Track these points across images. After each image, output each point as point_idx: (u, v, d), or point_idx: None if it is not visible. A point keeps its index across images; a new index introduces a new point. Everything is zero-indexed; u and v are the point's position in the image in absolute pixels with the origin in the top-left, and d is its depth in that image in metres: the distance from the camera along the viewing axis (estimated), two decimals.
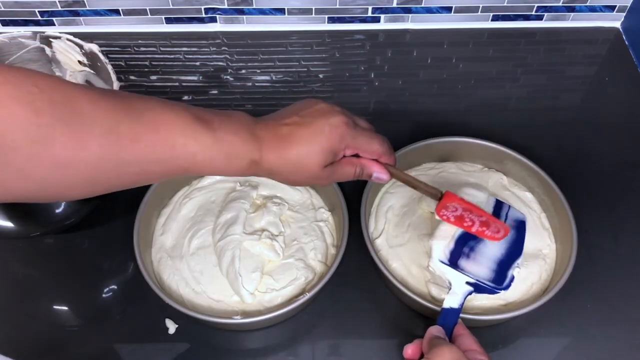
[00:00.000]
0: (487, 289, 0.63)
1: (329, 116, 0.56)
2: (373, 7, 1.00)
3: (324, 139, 0.54)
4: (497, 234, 0.63)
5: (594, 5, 1.01)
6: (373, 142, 0.58)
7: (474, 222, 0.63)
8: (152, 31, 1.02)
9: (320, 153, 0.55)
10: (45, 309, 0.74)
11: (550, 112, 0.94)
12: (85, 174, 0.44)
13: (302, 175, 0.56)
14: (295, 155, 0.54)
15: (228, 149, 0.51)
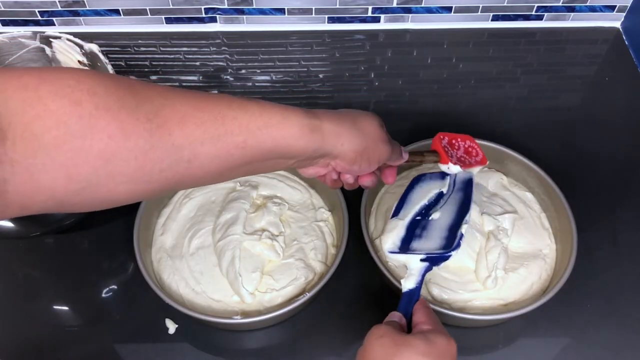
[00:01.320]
0: (441, 258, 0.63)
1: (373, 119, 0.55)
2: (373, 7, 1.00)
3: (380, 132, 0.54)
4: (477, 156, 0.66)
5: (594, 5, 1.01)
6: (396, 151, 0.58)
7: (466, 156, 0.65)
8: (152, 31, 1.02)
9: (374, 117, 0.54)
10: (45, 309, 0.74)
11: (550, 112, 0.94)
12: (136, 167, 0.41)
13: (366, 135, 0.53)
14: (354, 118, 0.53)
15: (281, 111, 0.49)
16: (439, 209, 0.66)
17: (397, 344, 0.51)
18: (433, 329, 0.54)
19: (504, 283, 0.69)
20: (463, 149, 0.65)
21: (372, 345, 0.52)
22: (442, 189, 0.68)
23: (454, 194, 0.67)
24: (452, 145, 0.65)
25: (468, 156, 0.65)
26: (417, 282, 0.61)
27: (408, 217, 0.67)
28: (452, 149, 0.65)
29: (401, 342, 0.51)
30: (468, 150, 0.65)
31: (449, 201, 0.67)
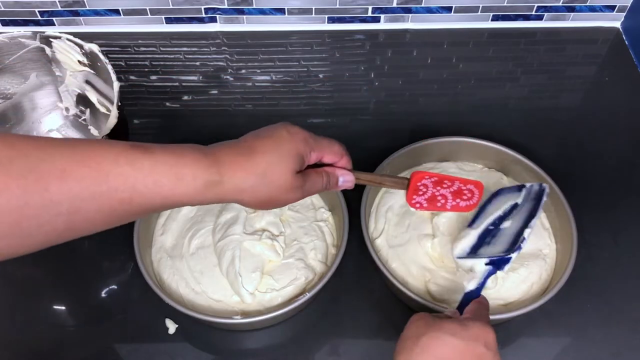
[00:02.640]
0: (502, 260, 0.63)
1: (285, 126, 0.54)
2: (373, 7, 1.00)
3: (289, 143, 0.53)
4: (470, 200, 0.63)
5: (594, 5, 1.01)
6: (333, 144, 0.58)
7: (446, 198, 0.62)
8: (152, 31, 1.02)
9: (288, 157, 0.52)
10: (45, 309, 0.74)
11: (550, 112, 0.94)
12: (11, 223, 0.40)
13: (275, 185, 0.52)
14: (265, 164, 0.51)
15: (174, 169, 0.46)
16: (511, 218, 0.67)
17: (428, 325, 0.52)
18: (472, 316, 0.55)
19: (504, 283, 0.69)
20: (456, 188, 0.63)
21: (408, 328, 0.53)
22: (517, 201, 0.69)
23: (526, 205, 0.68)
24: (440, 184, 0.63)
25: (454, 197, 0.63)
26: (479, 284, 0.61)
27: (481, 226, 0.68)
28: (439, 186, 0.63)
29: (433, 324, 0.52)
30: (461, 192, 0.63)
31: (521, 211, 0.67)
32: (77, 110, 0.85)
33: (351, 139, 0.88)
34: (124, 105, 0.72)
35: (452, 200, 0.63)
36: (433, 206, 0.62)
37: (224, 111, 0.93)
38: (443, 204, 0.63)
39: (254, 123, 0.90)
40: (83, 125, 0.86)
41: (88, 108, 0.84)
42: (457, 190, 0.63)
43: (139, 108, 0.93)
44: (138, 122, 0.91)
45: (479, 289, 0.61)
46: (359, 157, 0.84)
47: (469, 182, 0.64)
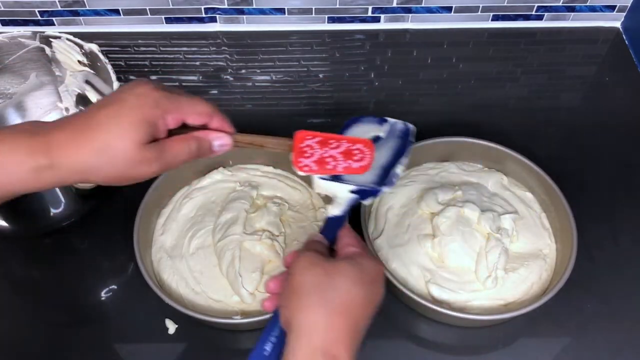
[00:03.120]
0: (371, 192, 0.60)
1: (132, 87, 0.47)
2: (373, 7, 1.00)
3: (132, 110, 0.46)
4: (361, 161, 0.59)
5: (594, 5, 1.01)
6: (197, 103, 0.50)
7: (336, 159, 0.58)
8: (152, 31, 1.02)
9: (133, 127, 0.45)
10: (45, 309, 0.74)
11: (550, 112, 0.94)
12: None
13: (120, 160, 0.46)
14: (102, 139, 0.45)
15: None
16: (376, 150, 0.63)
17: (328, 273, 0.48)
18: (360, 252, 0.51)
19: (504, 283, 0.69)
20: (344, 149, 0.58)
21: (301, 275, 0.48)
22: (379, 134, 0.66)
23: (391, 140, 0.65)
24: (326, 144, 0.58)
25: (346, 158, 0.58)
26: (343, 211, 0.59)
27: None
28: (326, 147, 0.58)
29: (332, 271, 0.48)
30: (350, 152, 0.58)
31: (386, 145, 0.65)
32: (77, 110, 0.85)
33: None
34: None
35: (344, 161, 0.58)
36: (323, 169, 0.58)
37: (224, 111, 0.92)
38: (334, 166, 0.58)
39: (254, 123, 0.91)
40: None
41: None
42: (346, 150, 0.58)
43: None
44: None
45: (345, 217, 0.58)
46: None
47: (357, 141, 0.59)
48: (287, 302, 0.48)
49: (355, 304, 0.48)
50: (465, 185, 0.78)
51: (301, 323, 0.46)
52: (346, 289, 0.47)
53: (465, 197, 0.75)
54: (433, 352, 0.70)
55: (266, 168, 0.81)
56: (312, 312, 0.46)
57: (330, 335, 0.46)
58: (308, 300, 0.47)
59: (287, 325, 0.47)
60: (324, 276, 0.48)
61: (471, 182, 0.79)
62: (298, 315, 0.47)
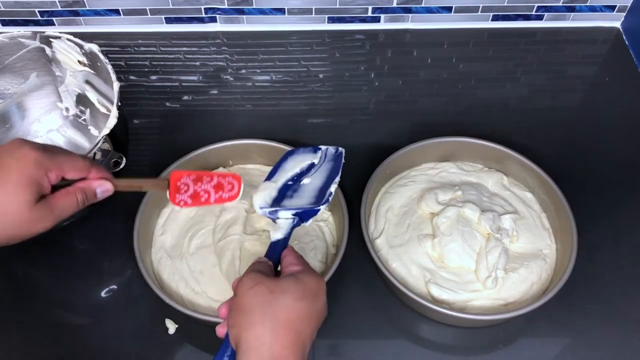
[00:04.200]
0: (310, 212, 0.65)
1: (11, 151, 0.50)
2: (373, 7, 1.00)
3: (17, 173, 0.48)
4: (231, 191, 0.65)
5: (594, 5, 1.01)
6: (74, 158, 0.53)
7: (208, 192, 0.64)
8: (152, 31, 1.02)
9: (18, 190, 0.48)
10: (45, 309, 0.74)
11: (550, 112, 0.94)
12: None
13: (10, 224, 0.49)
14: None
15: None
16: (310, 176, 0.70)
17: (271, 291, 0.50)
18: (302, 269, 0.54)
19: (504, 283, 0.69)
20: (216, 182, 0.65)
21: (246, 295, 0.50)
22: (314, 161, 0.72)
23: (325, 164, 0.72)
24: (200, 180, 0.64)
25: (217, 190, 0.64)
26: (286, 233, 0.62)
27: (280, 181, 0.70)
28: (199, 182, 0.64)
29: (275, 288, 0.50)
30: (221, 185, 0.65)
31: (321, 169, 0.71)
32: (77, 110, 0.85)
33: (351, 139, 0.89)
34: (124, 105, 0.72)
35: (215, 193, 0.64)
36: (197, 201, 0.63)
37: (224, 111, 0.93)
38: (207, 198, 0.63)
39: (254, 123, 0.92)
40: (83, 125, 0.86)
41: (88, 108, 0.84)
42: (217, 184, 0.64)
43: (139, 108, 0.93)
44: (138, 122, 0.91)
45: (287, 239, 0.62)
46: (359, 157, 0.85)
47: (227, 175, 0.66)
48: (234, 322, 0.50)
49: (299, 318, 0.49)
50: (465, 185, 0.78)
51: (249, 339, 0.48)
52: (289, 304, 0.49)
53: (465, 197, 0.75)
54: (433, 352, 0.70)
55: (266, 168, 0.81)
56: (258, 328, 0.48)
57: (276, 348, 0.48)
58: (253, 318, 0.49)
59: (236, 343, 0.49)
60: (268, 294, 0.50)
61: (471, 182, 0.79)
62: (245, 332, 0.48)
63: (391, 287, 0.70)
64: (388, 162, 0.76)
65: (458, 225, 0.72)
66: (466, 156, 0.82)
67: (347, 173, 0.81)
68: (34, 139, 0.85)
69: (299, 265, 0.54)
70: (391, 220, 0.76)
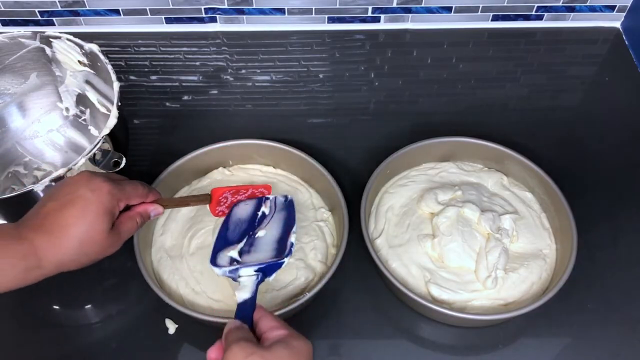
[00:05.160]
0: (274, 266, 0.64)
1: (86, 183, 0.56)
2: (373, 7, 1.00)
3: (95, 205, 0.55)
4: (263, 193, 0.75)
5: (594, 5, 1.01)
6: (137, 187, 0.60)
7: (244, 195, 0.73)
8: (152, 31, 1.02)
9: (99, 220, 0.55)
10: (45, 309, 0.74)
11: (550, 112, 0.94)
12: None
13: (93, 251, 0.56)
14: (78, 237, 0.54)
15: None
16: (264, 227, 0.70)
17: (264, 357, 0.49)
18: (289, 333, 0.53)
19: (504, 283, 0.69)
20: (250, 193, 0.74)
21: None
22: (264, 211, 0.72)
23: (277, 214, 0.72)
24: (238, 193, 0.73)
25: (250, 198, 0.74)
26: (252, 292, 0.60)
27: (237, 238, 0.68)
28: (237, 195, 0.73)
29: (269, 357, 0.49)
30: (254, 195, 0.74)
31: (273, 220, 0.71)
32: (77, 110, 0.85)
33: (351, 139, 0.89)
34: (124, 105, 0.72)
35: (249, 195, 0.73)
36: None
37: (224, 111, 0.93)
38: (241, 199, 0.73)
39: (254, 123, 0.92)
40: (83, 125, 0.86)
41: (88, 108, 0.84)
42: (251, 194, 0.73)
43: (139, 108, 0.93)
44: (138, 122, 0.91)
45: (254, 297, 0.59)
46: (359, 157, 0.85)
47: (259, 187, 0.74)
48: None
49: None
50: (465, 185, 0.78)
51: None
52: None
53: (465, 197, 0.75)
54: (433, 352, 0.70)
55: (266, 168, 0.81)
56: None
57: None
58: None
59: None
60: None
61: (471, 182, 0.79)
62: None
63: (391, 287, 0.70)
64: (388, 162, 0.76)
65: (458, 225, 0.72)
66: (466, 156, 0.82)
67: (347, 173, 0.82)
68: (34, 139, 0.85)
69: (283, 329, 0.53)
70: (391, 220, 0.76)
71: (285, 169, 0.81)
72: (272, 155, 0.79)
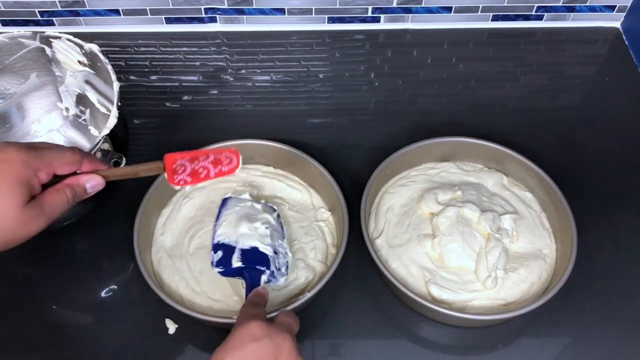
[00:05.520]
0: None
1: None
2: (373, 7, 1.00)
3: (4, 176, 0.48)
4: (230, 164, 0.63)
5: (594, 5, 1.01)
6: (63, 153, 0.52)
7: (207, 169, 0.62)
8: (152, 31, 1.02)
9: (9, 193, 0.48)
10: (45, 309, 0.74)
11: (550, 112, 0.94)
12: None
13: (6, 227, 0.48)
14: None
15: None
16: None
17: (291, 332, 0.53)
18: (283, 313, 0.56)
19: (504, 283, 0.69)
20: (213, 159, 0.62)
21: (249, 346, 0.50)
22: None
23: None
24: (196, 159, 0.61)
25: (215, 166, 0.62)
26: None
27: None
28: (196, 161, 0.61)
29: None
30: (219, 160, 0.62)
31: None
32: (77, 110, 0.85)
33: (351, 139, 0.89)
34: (124, 105, 0.72)
35: (214, 168, 0.62)
36: (197, 178, 0.61)
37: (224, 111, 0.93)
38: (206, 174, 0.61)
39: (254, 123, 0.91)
40: (83, 125, 0.86)
41: (88, 108, 0.84)
42: (215, 159, 0.62)
43: (139, 108, 0.93)
44: (138, 122, 0.91)
45: None
46: (359, 157, 0.85)
47: (224, 151, 0.63)
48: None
49: None
50: (465, 185, 0.78)
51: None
52: None
53: (465, 197, 0.75)
54: (433, 352, 0.70)
55: (266, 168, 0.81)
56: None
57: None
58: None
59: None
60: None
61: (471, 182, 0.79)
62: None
63: (391, 287, 0.70)
64: (388, 162, 0.76)
65: (458, 225, 0.72)
66: (466, 156, 0.82)
67: (347, 173, 0.81)
68: (34, 139, 0.85)
69: None
70: (391, 220, 0.76)
71: (285, 169, 0.81)
72: (272, 155, 0.79)
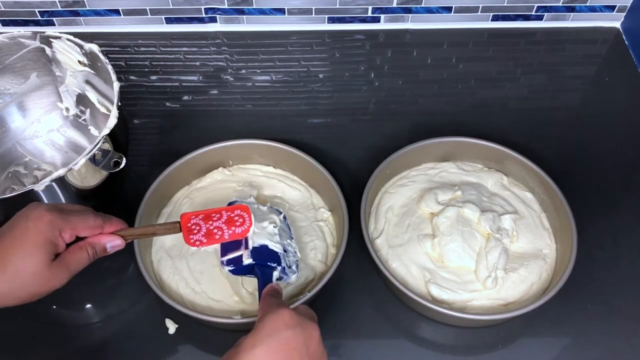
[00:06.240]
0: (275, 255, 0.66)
1: (27, 213, 0.53)
2: (373, 7, 1.00)
3: (33, 234, 0.52)
4: (243, 225, 0.65)
5: (594, 5, 1.01)
6: (87, 217, 0.56)
7: (221, 229, 0.64)
8: (152, 31, 1.02)
9: (36, 250, 0.52)
10: (45, 309, 0.74)
11: (550, 112, 0.94)
12: None
13: (32, 283, 0.52)
14: (12, 267, 0.51)
15: None
16: None
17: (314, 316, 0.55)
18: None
19: (504, 283, 0.69)
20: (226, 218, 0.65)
21: (284, 334, 0.53)
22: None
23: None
24: (210, 218, 0.64)
25: (229, 226, 0.64)
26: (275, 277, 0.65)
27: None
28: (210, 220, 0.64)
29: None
30: (232, 220, 0.65)
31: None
32: (77, 110, 0.85)
33: (351, 139, 0.89)
34: (124, 105, 0.72)
35: (228, 229, 0.64)
36: (212, 239, 0.63)
37: (224, 111, 0.93)
38: (221, 235, 0.64)
39: (254, 123, 0.92)
40: (83, 125, 0.86)
41: (88, 108, 0.84)
42: (228, 219, 0.65)
43: (139, 108, 0.93)
44: (138, 122, 0.91)
45: None
46: (359, 157, 0.85)
47: (235, 208, 0.65)
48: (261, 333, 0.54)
49: None
50: (465, 185, 0.78)
51: None
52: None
53: (465, 197, 0.75)
54: (433, 352, 0.70)
55: (266, 168, 0.81)
56: None
57: None
58: None
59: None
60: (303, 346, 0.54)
61: (471, 182, 0.79)
62: None
63: (391, 287, 0.70)
64: (388, 162, 0.76)
65: (458, 225, 0.72)
66: (466, 156, 0.82)
67: (347, 173, 0.81)
68: (34, 139, 0.85)
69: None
70: (391, 220, 0.76)
71: (285, 169, 0.81)
72: (272, 155, 0.79)
